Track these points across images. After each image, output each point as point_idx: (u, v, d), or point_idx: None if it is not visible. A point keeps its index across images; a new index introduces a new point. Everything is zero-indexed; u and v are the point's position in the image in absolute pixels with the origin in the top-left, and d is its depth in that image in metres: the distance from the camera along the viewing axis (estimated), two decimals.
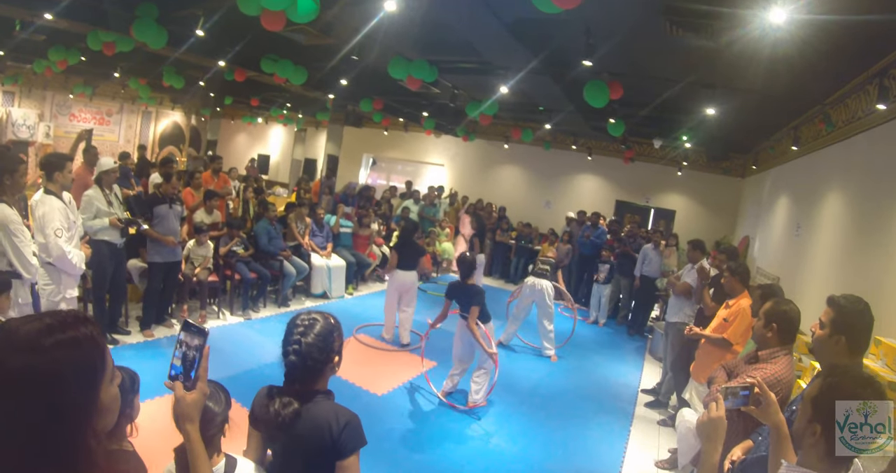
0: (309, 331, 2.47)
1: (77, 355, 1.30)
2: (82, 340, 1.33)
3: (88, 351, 1.34)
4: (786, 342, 3.61)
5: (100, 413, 1.39)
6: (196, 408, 1.94)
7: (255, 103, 16.04)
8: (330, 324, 2.56)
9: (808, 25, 4.79)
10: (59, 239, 5.32)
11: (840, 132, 7.22)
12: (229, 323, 8.64)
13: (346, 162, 21.14)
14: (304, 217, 10.81)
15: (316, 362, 2.45)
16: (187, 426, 1.93)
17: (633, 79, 7.88)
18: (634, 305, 12.15)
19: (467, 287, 6.97)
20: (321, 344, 2.46)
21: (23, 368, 1.22)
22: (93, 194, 6.79)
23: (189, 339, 1.94)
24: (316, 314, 2.58)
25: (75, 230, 5.66)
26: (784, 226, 9.44)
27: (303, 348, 2.42)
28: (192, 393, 1.92)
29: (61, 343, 1.28)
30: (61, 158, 5.68)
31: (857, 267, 6.05)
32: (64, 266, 5.43)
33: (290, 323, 2.55)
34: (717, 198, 15.70)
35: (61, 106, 18.93)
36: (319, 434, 2.36)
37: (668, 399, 7.74)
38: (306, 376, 2.47)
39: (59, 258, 5.35)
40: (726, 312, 5.79)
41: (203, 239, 8.47)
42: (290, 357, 2.43)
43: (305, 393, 2.46)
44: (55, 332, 1.28)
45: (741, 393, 2.55)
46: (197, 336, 1.94)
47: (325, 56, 9.44)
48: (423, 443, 5.90)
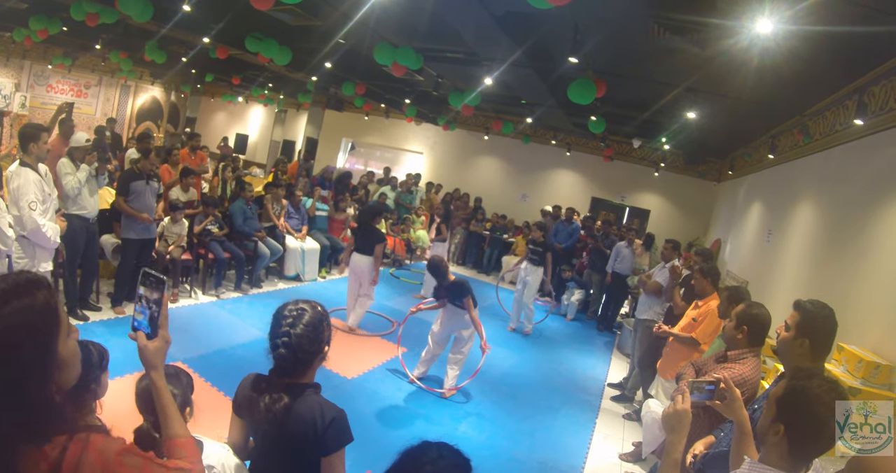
0: (298, 322, 2.41)
1: (32, 319, 1.35)
2: (37, 304, 1.36)
3: (43, 313, 1.38)
4: (755, 344, 3.70)
5: (59, 367, 1.44)
6: (159, 356, 1.93)
7: (237, 82, 15.88)
8: (319, 314, 2.51)
9: (794, 37, 4.85)
10: (34, 212, 5.28)
11: (817, 144, 7.33)
12: (201, 302, 8.61)
13: (324, 145, 21.06)
14: (281, 198, 10.77)
15: (306, 354, 2.41)
16: (152, 373, 1.93)
17: (616, 79, 7.92)
18: (605, 301, 12.28)
19: (450, 285, 6.97)
20: (311, 335, 2.42)
21: None
22: (65, 162, 6.70)
23: (149, 290, 1.93)
24: (303, 303, 2.52)
25: (50, 203, 5.61)
26: (756, 231, 9.57)
27: (292, 340, 2.37)
28: (154, 341, 1.92)
29: (16, 310, 1.32)
30: (37, 129, 5.61)
31: (825, 275, 6.17)
32: (38, 239, 5.39)
33: (276, 314, 2.49)
34: (691, 200, 15.87)
35: (39, 76, 18.63)
36: (304, 430, 2.33)
37: (633, 393, 7.87)
38: (296, 368, 2.42)
39: (34, 231, 5.31)
40: (695, 312, 5.89)
41: (178, 217, 8.40)
42: (279, 349, 2.37)
43: (294, 385, 2.41)
44: (10, 298, 1.32)
45: (707, 388, 2.62)
46: (156, 285, 1.93)
47: (310, 37, 9.41)
48: (390, 428, 5.94)
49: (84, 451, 1.42)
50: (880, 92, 5.57)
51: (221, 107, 25.38)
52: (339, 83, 12.69)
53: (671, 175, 15.88)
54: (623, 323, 10.77)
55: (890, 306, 4.72)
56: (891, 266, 4.89)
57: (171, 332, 1.95)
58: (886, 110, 5.41)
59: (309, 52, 10.08)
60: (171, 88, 22.87)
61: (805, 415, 2.04)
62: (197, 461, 1.87)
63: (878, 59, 5.41)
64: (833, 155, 6.84)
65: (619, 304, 12.24)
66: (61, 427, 1.43)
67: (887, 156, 5.43)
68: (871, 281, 5.12)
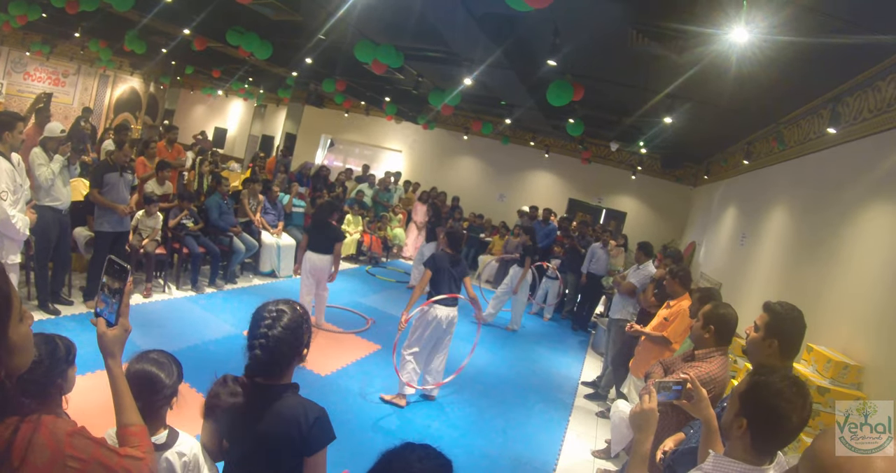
0: (276, 323, 2.35)
1: None
2: None
3: None
4: (721, 343, 3.76)
5: (9, 351, 1.42)
6: (117, 344, 1.94)
7: (217, 75, 15.83)
8: (298, 315, 2.44)
9: (771, 46, 4.93)
10: (4, 201, 5.18)
11: (791, 151, 7.45)
12: (175, 297, 8.55)
13: (303, 141, 21.00)
14: (258, 193, 10.73)
15: (283, 356, 2.35)
16: (109, 360, 1.91)
17: (595, 83, 7.98)
18: (580, 301, 12.35)
19: (459, 258, 6.82)
20: (289, 338, 2.35)
21: None
22: (38, 152, 6.60)
23: (112, 279, 1.94)
24: (283, 304, 2.45)
25: (21, 194, 5.51)
26: (730, 235, 9.69)
27: (270, 342, 2.30)
28: (114, 329, 1.93)
29: None
30: (13, 118, 5.51)
31: (797, 277, 6.28)
32: (6, 230, 5.29)
33: (255, 314, 2.43)
34: (667, 203, 16.03)
35: (16, 63, 18.40)
36: (287, 431, 2.28)
37: (607, 391, 7.94)
38: (272, 370, 2.36)
39: (3, 222, 5.21)
40: (667, 312, 5.97)
41: (153, 210, 8.32)
42: (255, 351, 2.30)
43: (270, 387, 2.36)
44: None
45: (674, 388, 2.66)
46: (119, 274, 1.94)
47: (291, 32, 9.40)
48: (362, 425, 5.93)
49: (35, 432, 1.42)
50: (854, 102, 5.68)
51: (201, 100, 25.18)
52: (320, 79, 12.69)
53: (648, 178, 16.04)
54: (597, 322, 10.85)
55: (858, 308, 4.82)
56: (860, 270, 4.99)
57: (144, 327, 1.97)
58: (860, 120, 5.51)
59: (290, 48, 10.07)
60: (150, 79, 22.69)
61: (766, 409, 2.09)
62: (149, 450, 1.85)
63: (853, 69, 5.51)
64: (807, 162, 6.96)
65: (594, 304, 12.32)
66: (12, 409, 1.42)
67: (859, 164, 5.54)
68: (841, 284, 5.23)
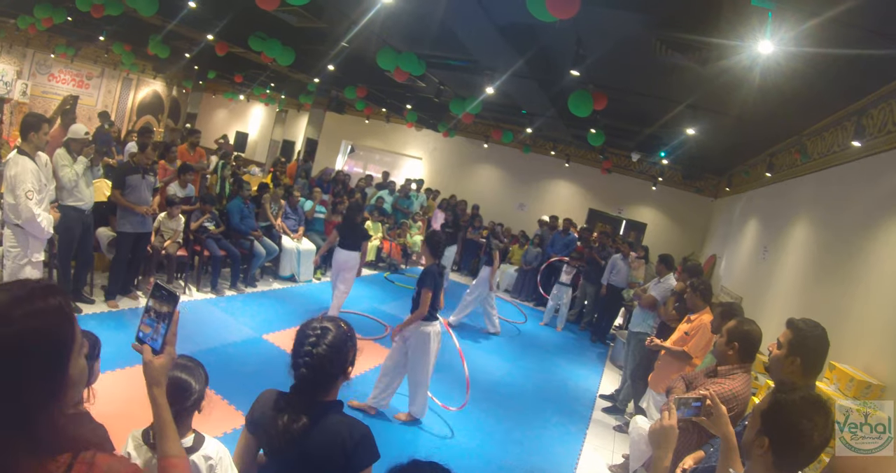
0: (321, 341, 2.32)
1: (45, 326, 1.27)
2: (51, 311, 1.29)
3: (57, 322, 1.31)
4: (745, 360, 3.72)
5: (69, 386, 1.37)
6: (164, 373, 1.85)
7: (239, 80, 15.89)
8: (343, 333, 2.41)
9: (795, 57, 4.89)
10: (30, 201, 5.27)
11: (814, 164, 7.36)
12: (195, 299, 8.61)
13: (324, 147, 21.10)
14: (279, 198, 10.79)
15: (328, 375, 2.34)
16: (154, 390, 1.84)
17: (617, 93, 7.95)
18: (599, 312, 12.26)
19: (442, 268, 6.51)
20: (334, 356, 2.33)
21: None
22: (61, 153, 6.68)
23: (159, 303, 1.87)
24: (328, 321, 2.41)
25: (46, 193, 5.60)
26: (751, 248, 9.60)
27: (314, 360, 2.29)
28: (160, 358, 1.84)
29: (29, 314, 1.25)
30: (39, 119, 5.60)
31: (819, 293, 6.19)
32: (32, 229, 5.38)
33: (300, 332, 2.39)
34: (688, 215, 15.93)
35: (41, 65, 18.58)
36: (332, 450, 2.27)
37: (625, 405, 7.88)
38: (317, 388, 2.34)
39: (28, 220, 5.30)
40: (688, 326, 5.91)
41: (174, 213, 8.41)
42: (301, 369, 2.30)
43: (315, 404, 2.33)
44: (23, 303, 1.26)
45: (693, 404, 2.64)
46: (167, 300, 1.86)
47: (314, 39, 9.43)
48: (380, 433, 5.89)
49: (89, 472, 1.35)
50: (879, 114, 5.61)
51: (222, 105, 25.37)
52: (342, 86, 12.72)
53: (668, 189, 15.93)
54: (616, 334, 10.79)
55: (882, 326, 4.75)
56: (885, 287, 4.91)
57: None
58: (885, 132, 5.44)
59: (312, 54, 10.11)
60: (172, 83, 22.88)
61: (788, 428, 2.06)
62: None
63: (878, 81, 5.44)
64: (830, 175, 6.87)
65: (613, 316, 12.26)
66: (64, 445, 1.34)
67: (884, 178, 5.46)
68: (865, 302, 5.15)
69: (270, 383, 2.62)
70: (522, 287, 14.20)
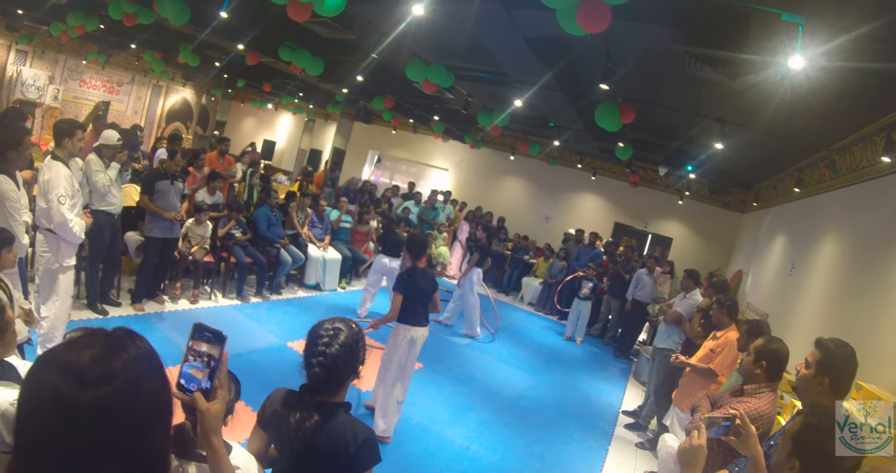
0: (334, 341, 2.39)
1: (144, 370, 1.22)
2: (142, 354, 1.24)
3: (150, 362, 1.26)
4: (772, 379, 3.68)
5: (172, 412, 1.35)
6: (220, 419, 1.78)
7: (268, 89, 16.01)
8: (354, 333, 2.47)
9: (825, 72, 4.85)
10: (62, 205, 5.27)
11: (843, 179, 7.28)
12: (220, 305, 8.67)
13: (351, 156, 21.20)
14: (306, 207, 10.85)
15: (341, 374, 2.38)
16: (213, 439, 1.77)
17: (645, 106, 7.93)
18: (623, 327, 12.18)
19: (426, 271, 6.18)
20: (347, 355, 2.39)
21: (97, 400, 1.12)
22: (94, 159, 6.76)
23: (202, 344, 1.73)
24: (339, 322, 2.48)
25: (79, 198, 5.61)
26: (778, 264, 9.50)
27: (328, 360, 2.34)
28: (216, 403, 1.75)
29: (137, 355, 1.22)
30: (72, 125, 5.64)
31: (847, 311, 6.11)
32: (64, 233, 5.38)
33: (312, 332, 2.46)
34: (714, 230, 15.78)
35: (73, 71, 18.86)
36: (335, 450, 2.31)
37: (647, 422, 7.81)
38: (329, 388, 2.39)
39: (61, 225, 5.30)
40: (713, 343, 5.86)
41: (202, 219, 8.50)
42: (314, 368, 2.34)
43: (326, 404, 2.38)
44: (126, 345, 1.21)
45: (723, 424, 2.62)
46: (212, 340, 1.73)
47: (343, 50, 9.50)
48: (403, 442, 5.92)
49: None
50: None
51: (251, 113, 25.60)
52: (370, 96, 12.77)
53: (695, 204, 15.81)
54: (640, 350, 10.71)
55: None
56: None
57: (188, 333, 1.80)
58: None
59: (341, 65, 10.18)
60: (202, 91, 23.15)
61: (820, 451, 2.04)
62: None
63: None
64: (859, 191, 6.79)
65: (637, 331, 12.16)
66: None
67: None
68: (893, 320, 5.08)
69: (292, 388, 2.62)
70: (547, 300, 14.13)
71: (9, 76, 17.20)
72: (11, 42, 16.86)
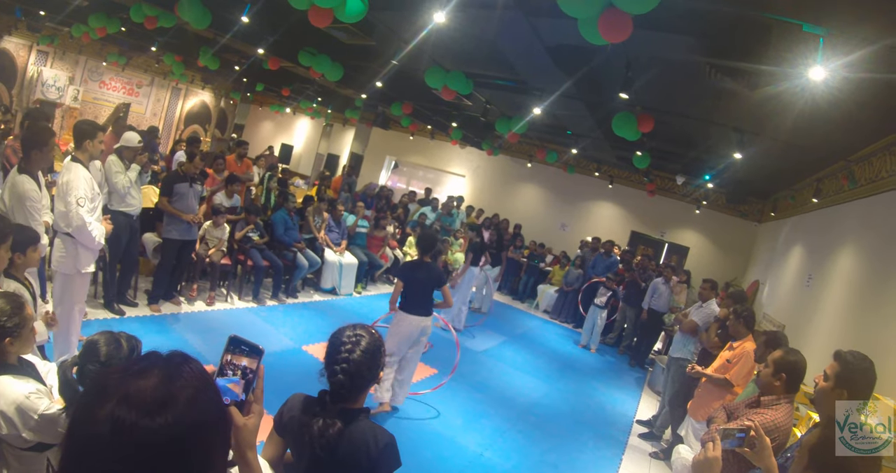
0: (356, 348, 2.41)
1: (202, 396, 1.19)
2: (199, 379, 1.21)
3: (207, 386, 1.23)
4: (790, 391, 3.67)
5: None
6: (256, 434, 1.73)
7: (286, 93, 16.06)
8: (375, 339, 2.49)
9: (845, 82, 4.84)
10: (81, 208, 5.14)
11: (862, 190, 7.24)
12: (236, 307, 8.71)
13: (368, 161, 21.26)
14: (323, 211, 10.89)
15: (363, 380, 2.40)
16: (249, 454, 1.74)
17: (664, 115, 7.91)
18: (638, 336, 12.15)
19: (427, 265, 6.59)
20: (370, 362, 2.41)
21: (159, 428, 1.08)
22: (114, 160, 6.82)
23: (238, 357, 1.70)
24: (361, 329, 2.51)
25: (99, 202, 5.50)
26: (795, 275, 9.45)
27: (351, 366, 2.36)
28: (251, 418, 1.70)
29: (184, 389, 1.16)
30: (94, 127, 5.49)
31: (865, 324, 6.08)
32: (82, 237, 5.23)
33: (334, 339, 2.48)
34: (731, 239, 15.68)
35: (93, 72, 19.02)
36: (358, 455, 2.33)
37: (662, 432, 7.78)
38: (352, 394, 2.41)
39: (79, 228, 5.16)
40: (730, 354, 5.84)
41: (220, 221, 8.55)
42: (338, 375, 2.36)
43: (347, 410, 2.40)
44: (181, 366, 1.19)
45: (737, 435, 2.61)
46: (249, 353, 1.70)
47: (363, 56, 9.52)
48: (417, 449, 5.93)
49: None
50: None
51: (269, 116, 25.73)
52: (388, 102, 12.81)
53: (712, 213, 15.72)
54: (655, 359, 10.66)
55: None
56: None
57: (206, 333, 1.75)
58: None
59: (360, 70, 10.21)
60: (220, 94, 23.30)
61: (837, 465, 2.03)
62: None
63: None
64: (878, 201, 6.75)
65: (653, 341, 12.12)
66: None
67: None
68: None
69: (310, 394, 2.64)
70: (562, 308, 14.10)
71: (30, 76, 17.41)
72: (33, 42, 17.04)
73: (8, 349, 2.81)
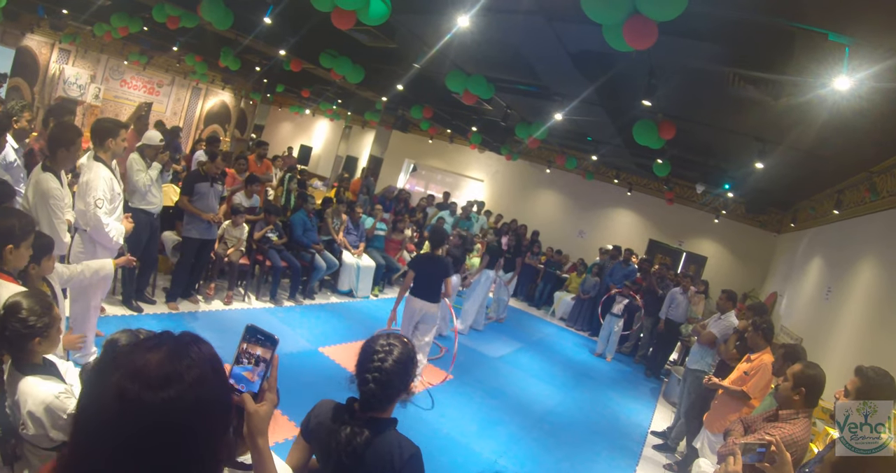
0: (388, 357, 2.39)
1: (208, 375, 1.22)
2: (206, 358, 1.25)
3: (214, 366, 1.26)
4: (808, 405, 3.63)
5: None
6: (268, 421, 1.78)
7: (306, 94, 16.13)
8: (408, 350, 2.49)
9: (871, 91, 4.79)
10: (99, 209, 5.15)
11: (884, 202, 7.15)
12: (254, 307, 8.74)
13: (387, 164, 21.28)
14: (341, 214, 10.91)
15: (394, 390, 2.40)
16: (260, 441, 1.78)
17: (685, 123, 7.87)
18: (654, 346, 12.08)
19: (437, 258, 7.42)
20: (401, 371, 2.40)
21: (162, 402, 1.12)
22: (136, 158, 6.87)
23: (254, 347, 1.77)
24: (394, 338, 2.49)
25: (118, 202, 5.48)
26: (814, 287, 9.36)
27: (383, 375, 2.35)
28: (263, 406, 1.76)
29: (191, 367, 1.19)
30: (116, 125, 5.45)
31: (883, 337, 6.00)
32: (99, 237, 5.25)
33: (366, 348, 2.47)
34: (750, 250, 15.54)
35: (114, 70, 19.18)
36: (382, 465, 2.32)
37: (676, 444, 7.72)
38: (381, 404, 2.40)
39: (96, 228, 5.19)
40: (747, 366, 5.79)
41: (239, 221, 8.58)
42: (369, 384, 2.35)
43: (375, 420, 2.39)
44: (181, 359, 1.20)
45: (758, 450, 2.59)
46: (264, 343, 1.77)
47: (384, 59, 9.53)
48: (432, 456, 5.90)
49: None
50: None
51: (288, 118, 25.84)
52: (408, 105, 12.81)
53: (731, 223, 15.60)
54: (671, 370, 10.60)
55: None
56: None
57: (223, 332, 1.81)
58: None
59: (381, 73, 10.22)
60: (240, 95, 23.43)
61: None
62: None
63: None
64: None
65: (669, 351, 12.04)
66: None
67: None
68: None
69: (325, 395, 2.66)
70: (578, 316, 14.05)
71: (52, 74, 17.57)
72: (55, 41, 17.19)
73: (36, 349, 2.84)
